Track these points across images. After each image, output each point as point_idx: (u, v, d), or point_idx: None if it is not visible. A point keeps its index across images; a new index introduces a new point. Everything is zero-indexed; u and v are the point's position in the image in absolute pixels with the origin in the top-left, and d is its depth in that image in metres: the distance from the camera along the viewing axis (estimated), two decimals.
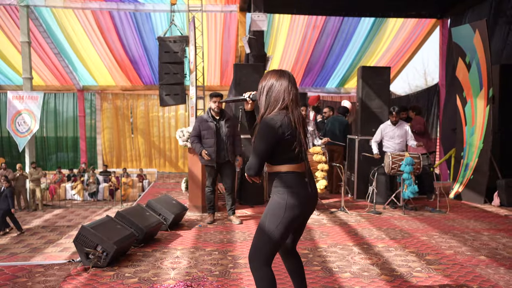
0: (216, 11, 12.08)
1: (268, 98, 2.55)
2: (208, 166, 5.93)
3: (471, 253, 4.55)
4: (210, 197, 6.04)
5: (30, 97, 12.50)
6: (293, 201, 2.52)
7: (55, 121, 17.58)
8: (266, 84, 2.56)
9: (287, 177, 2.57)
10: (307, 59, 14.43)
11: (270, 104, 2.54)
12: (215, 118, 5.87)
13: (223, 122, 5.86)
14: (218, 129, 5.84)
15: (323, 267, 4.10)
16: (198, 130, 5.88)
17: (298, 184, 2.56)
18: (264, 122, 2.48)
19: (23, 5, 11.86)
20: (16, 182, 12.65)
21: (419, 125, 8.25)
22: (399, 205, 7.01)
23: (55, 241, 9.07)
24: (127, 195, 14.73)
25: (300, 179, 2.58)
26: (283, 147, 2.51)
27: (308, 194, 2.59)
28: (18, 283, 3.66)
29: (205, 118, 5.88)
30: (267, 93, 2.55)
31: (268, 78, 2.57)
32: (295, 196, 2.53)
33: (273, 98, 2.53)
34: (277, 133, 2.46)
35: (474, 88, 7.84)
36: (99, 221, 4.46)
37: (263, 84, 2.57)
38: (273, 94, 2.53)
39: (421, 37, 13.27)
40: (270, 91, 2.55)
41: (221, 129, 5.85)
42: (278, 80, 2.54)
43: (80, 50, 14.20)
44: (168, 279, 3.75)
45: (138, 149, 17.47)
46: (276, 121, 2.47)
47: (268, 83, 2.56)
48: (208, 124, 5.85)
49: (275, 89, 2.54)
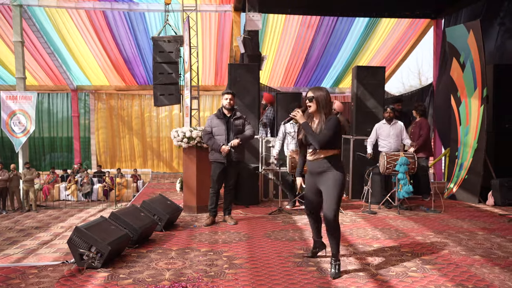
0: (210, 11, 12.07)
1: (327, 106, 3.82)
2: (217, 162, 5.87)
3: (466, 252, 4.56)
4: (213, 199, 5.97)
5: (23, 97, 12.42)
6: (344, 174, 3.90)
7: (49, 121, 17.49)
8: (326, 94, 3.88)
9: (340, 157, 3.90)
10: (302, 58, 14.44)
11: (327, 110, 3.83)
12: (225, 115, 5.87)
13: (232, 120, 5.86)
14: (228, 126, 5.84)
15: (318, 267, 4.09)
16: (209, 128, 5.86)
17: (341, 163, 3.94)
18: (335, 118, 3.80)
19: (16, 4, 11.78)
20: (10, 182, 12.58)
21: (424, 130, 7.96)
22: (394, 205, 7.02)
23: (48, 242, 9.01)
24: (122, 196, 14.67)
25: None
26: (338, 136, 3.84)
27: None
28: (12, 285, 3.63)
29: (217, 114, 5.89)
30: (329, 100, 3.87)
31: (320, 92, 3.87)
32: (343, 170, 3.89)
33: (327, 106, 3.83)
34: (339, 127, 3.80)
35: (469, 88, 7.87)
36: (93, 222, 4.42)
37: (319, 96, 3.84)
38: (327, 103, 3.83)
39: (415, 37, 13.32)
40: (329, 98, 3.87)
41: (231, 126, 5.84)
42: (325, 93, 3.89)
43: (74, 50, 14.14)
44: (163, 280, 3.73)
45: (132, 149, 17.40)
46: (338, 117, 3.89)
47: (327, 93, 3.89)
48: (218, 121, 5.85)
49: (328, 99, 3.86)
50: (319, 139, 3.73)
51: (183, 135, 6.54)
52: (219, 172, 5.85)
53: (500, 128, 7.97)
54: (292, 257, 4.40)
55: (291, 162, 6.55)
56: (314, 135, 3.76)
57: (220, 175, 5.87)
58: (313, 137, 3.75)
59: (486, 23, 9.02)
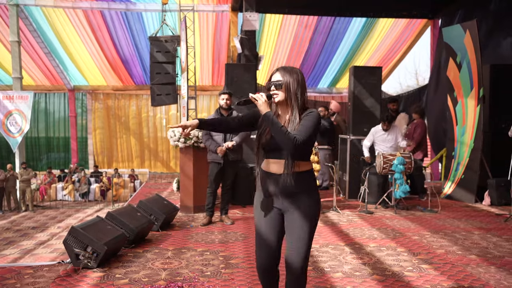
0: (207, 11, 12.05)
1: (299, 94, 2.57)
2: (214, 163, 5.86)
3: (462, 252, 4.56)
4: (210, 199, 5.95)
5: (20, 97, 12.38)
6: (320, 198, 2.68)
7: (46, 121, 17.43)
8: (301, 78, 2.60)
9: (313, 174, 2.66)
10: (299, 58, 14.44)
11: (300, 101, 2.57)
12: (223, 115, 5.87)
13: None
14: None
15: (315, 267, 4.09)
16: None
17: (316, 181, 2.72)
18: (316, 113, 2.56)
19: (12, 4, 11.75)
20: (7, 182, 12.54)
21: (418, 131, 8.06)
22: (390, 205, 7.03)
23: (45, 242, 8.99)
24: (119, 196, 14.65)
25: None
26: (313, 142, 2.60)
27: None
28: (7, 285, 3.62)
29: (214, 115, 5.89)
30: (296, 90, 2.56)
31: (291, 75, 2.57)
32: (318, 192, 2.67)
33: (301, 95, 2.57)
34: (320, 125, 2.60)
35: (465, 88, 7.89)
36: (90, 222, 4.42)
37: (289, 81, 2.56)
38: (300, 92, 2.57)
39: (412, 37, 13.34)
40: (304, 84, 2.62)
41: None
42: (299, 77, 2.60)
43: (71, 50, 14.10)
44: (159, 280, 3.73)
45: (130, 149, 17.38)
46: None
47: (294, 80, 2.57)
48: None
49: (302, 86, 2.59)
50: (295, 138, 2.40)
51: (179, 134, 6.53)
52: (217, 172, 5.85)
53: (497, 128, 7.98)
54: None
55: None
56: (286, 131, 2.43)
57: (217, 175, 5.87)
58: (284, 135, 2.41)
59: (482, 23, 9.04)
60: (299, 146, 2.42)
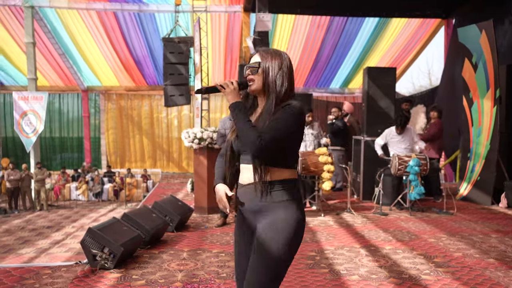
0: (220, 12, 12.07)
1: (279, 82, 2.05)
2: None
3: (480, 255, 4.51)
4: None
5: (34, 97, 12.51)
6: (303, 218, 2.05)
7: (60, 121, 17.60)
8: (285, 63, 2.09)
9: (294, 185, 2.07)
10: (311, 59, 14.41)
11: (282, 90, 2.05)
12: None
13: None
14: None
15: (331, 269, 4.08)
16: (223, 130, 5.87)
17: (300, 196, 2.12)
18: (298, 106, 2.00)
19: (28, 6, 11.87)
20: (22, 182, 12.69)
21: (434, 130, 7.94)
22: (405, 207, 6.97)
23: (60, 242, 9.07)
24: (132, 196, 14.73)
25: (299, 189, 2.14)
26: (295, 144, 2.06)
27: None
28: (26, 285, 3.65)
29: (228, 117, 5.89)
30: (275, 76, 2.05)
31: (273, 58, 2.07)
32: (303, 210, 2.07)
33: (284, 83, 2.06)
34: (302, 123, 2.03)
35: (481, 89, 7.80)
36: (106, 223, 4.45)
37: (268, 64, 2.06)
38: (284, 79, 2.06)
39: (425, 37, 13.23)
40: (291, 72, 2.09)
41: None
42: (283, 61, 2.09)
43: (85, 51, 14.22)
44: (176, 282, 3.74)
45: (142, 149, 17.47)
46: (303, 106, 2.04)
47: (286, 62, 2.08)
48: (230, 123, 5.85)
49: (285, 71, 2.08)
50: (259, 136, 1.89)
51: (194, 136, 6.55)
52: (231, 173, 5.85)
53: None
54: (304, 259, 4.38)
55: (302, 163, 6.53)
56: (251, 127, 1.94)
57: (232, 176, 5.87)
58: (248, 131, 1.93)
59: (499, 23, 8.93)
60: (263, 148, 1.88)
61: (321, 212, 6.70)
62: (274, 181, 2.02)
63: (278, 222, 1.98)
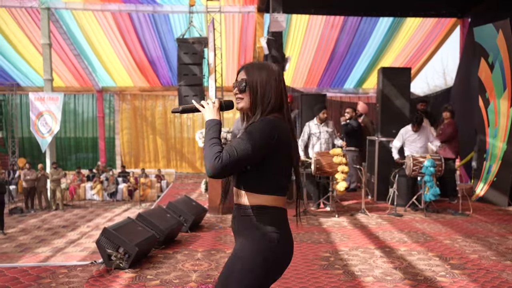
0: (234, 12, 12.09)
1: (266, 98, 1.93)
2: None
3: (497, 258, 4.45)
4: None
5: (50, 98, 12.67)
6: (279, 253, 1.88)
7: (75, 121, 17.78)
8: (274, 76, 1.96)
9: (274, 214, 1.90)
10: (325, 59, 14.35)
11: (268, 107, 1.92)
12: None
13: None
14: None
15: (345, 270, 4.06)
16: (237, 131, 5.89)
17: (285, 228, 1.94)
18: (266, 120, 1.87)
19: (44, 8, 12.02)
20: (38, 182, 12.85)
21: (449, 130, 7.75)
22: (420, 208, 6.91)
23: (75, 241, 9.17)
24: (146, 196, 14.83)
25: (286, 219, 1.96)
26: (276, 166, 1.89)
27: (293, 244, 1.99)
28: (43, 284, 3.70)
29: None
30: (263, 92, 1.93)
31: (259, 73, 1.95)
32: (282, 244, 1.89)
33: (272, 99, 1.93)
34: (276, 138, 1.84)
35: (497, 89, 7.70)
36: (121, 223, 4.49)
37: (256, 80, 1.94)
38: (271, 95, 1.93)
39: (440, 36, 13.10)
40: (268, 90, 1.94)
41: None
42: (271, 75, 1.96)
43: (100, 52, 14.34)
44: (190, 282, 3.76)
45: (156, 149, 17.57)
46: (279, 124, 1.89)
47: (262, 78, 1.94)
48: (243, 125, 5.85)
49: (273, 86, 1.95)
50: (217, 156, 1.77)
51: None
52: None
53: None
54: (318, 260, 4.37)
55: (316, 164, 6.52)
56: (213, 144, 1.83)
57: None
58: (208, 149, 1.81)
59: None
60: (218, 167, 1.74)
61: (335, 213, 6.67)
62: (244, 205, 1.92)
63: (242, 249, 1.89)
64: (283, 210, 1.93)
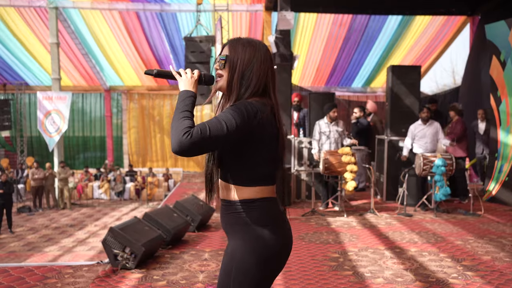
0: (241, 11, 12.04)
1: (246, 79, 1.74)
2: None
3: (510, 259, 4.35)
4: None
5: (58, 97, 12.69)
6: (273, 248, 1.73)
7: (83, 120, 17.82)
8: (242, 59, 1.75)
9: (263, 207, 1.74)
10: (333, 57, 14.26)
11: (248, 89, 1.73)
12: None
13: None
14: None
15: (355, 271, 3.99)
16: None
17: (277, 219, 1.78)
18: (247, 102, 1.68)
19: (52, 7, 12.04)
20: (46, 181, 12.88)
21: (458, 129, 7.64)
22: (430, 208, 6.81)
23: (83, 240, 9.16)
24: (153, 195, 14.82)
25: (278, 209, 1.79)
26: (259, 154, 1.72)
27: (290, 233, 1.83)
28: (48, 284, 3.66)
29: None
30: (243, 72, 1.74)
31: (243, 50, 1.75)
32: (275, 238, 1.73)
33: (252, 80, 1.74)
34: (255, 121, 1.65)
35: (509, 87, 7.57)
36: (128, 223, 4.44)
37: (237, 57, 1.75)
38: (252, 75, 1.74)
39: (450, 34, 12.96)
40: (249, 69, 1.74)
41: None
42: (256, 53, 1.76)
43: (107, 51, 14.36)
44: (197, 283, 3.70)
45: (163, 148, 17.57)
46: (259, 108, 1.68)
47: (245, 56, 1.74)
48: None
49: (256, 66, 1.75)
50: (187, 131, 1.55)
51: None
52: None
53: None
54: (327, 261, 4.30)
55: (324, 163, 6.44)
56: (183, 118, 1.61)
57: None
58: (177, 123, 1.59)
59: None
60: (185, 143, 1.53)
61: (344, 212, 6.59)
62: (230, 200, 1.76)
63: (234, 250, 1.75)
64: (272, 200, 1.77)
